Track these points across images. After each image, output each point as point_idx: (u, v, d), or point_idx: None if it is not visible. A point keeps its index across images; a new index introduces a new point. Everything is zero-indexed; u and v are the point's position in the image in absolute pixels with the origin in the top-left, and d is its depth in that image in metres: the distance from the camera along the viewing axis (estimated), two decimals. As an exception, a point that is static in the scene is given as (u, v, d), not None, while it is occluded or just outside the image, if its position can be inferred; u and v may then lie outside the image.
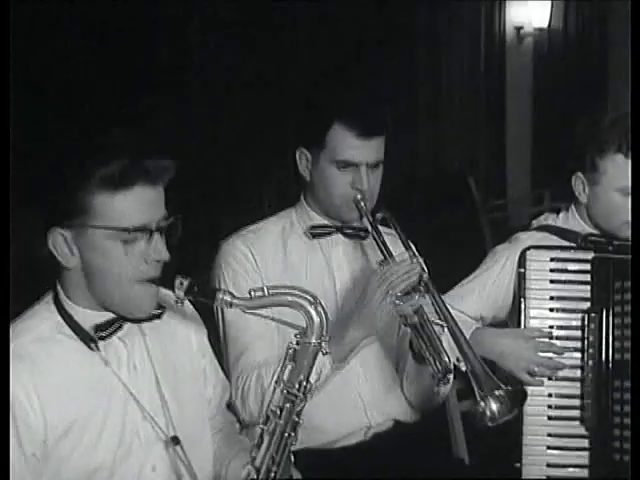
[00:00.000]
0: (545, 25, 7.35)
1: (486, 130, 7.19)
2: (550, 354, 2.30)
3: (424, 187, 6.74)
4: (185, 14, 5.99)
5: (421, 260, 2.11)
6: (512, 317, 2.39)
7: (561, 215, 2.53)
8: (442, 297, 2.12)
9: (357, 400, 2.26)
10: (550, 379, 2.31)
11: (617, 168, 2.36)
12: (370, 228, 2.23)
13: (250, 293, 1.66)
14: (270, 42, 6.10)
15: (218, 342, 2.21)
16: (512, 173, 7.37)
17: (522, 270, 2.32)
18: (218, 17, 6.06)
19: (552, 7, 7.34)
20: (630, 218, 2.24)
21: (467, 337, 2.16)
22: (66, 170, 1.66)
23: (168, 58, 5.92)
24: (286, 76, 6.07)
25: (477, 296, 2.45)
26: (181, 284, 1.67)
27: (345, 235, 2.29)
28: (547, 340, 2.31)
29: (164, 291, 1.74)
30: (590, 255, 2.32)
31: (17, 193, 1.70)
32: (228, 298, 1.67)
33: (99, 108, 5.25)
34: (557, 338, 2.32)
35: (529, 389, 2.28)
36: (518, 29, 7.25)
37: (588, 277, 2.30)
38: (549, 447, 2.30)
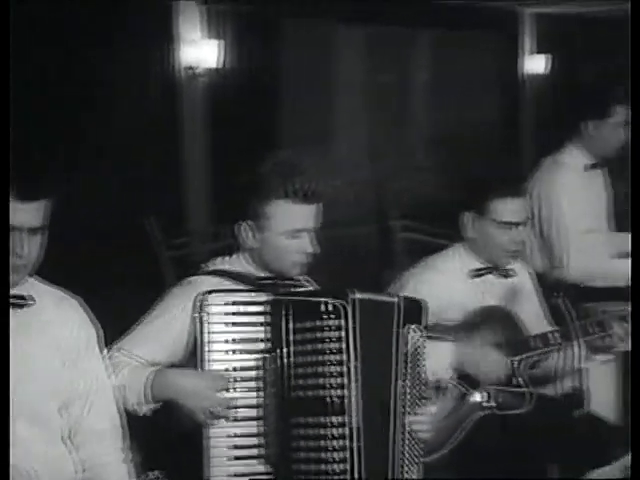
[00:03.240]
0: (217, 65, 7.48)
1: (161, 166, 7.14)
2: (228, 394, 2.33)
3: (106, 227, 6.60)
4: None
5: None
6: (190, 362, 2.39)
7: (233, 258, 2.59)
8: None
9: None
10: (235, 420, 2.34)
11: (282, 213, 2.46)
12: None
13: None
14: None
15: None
16: (192, 210, 7.41)
17: (200, 315, 2.33)
18: None
19: (225, 47, 7.50)
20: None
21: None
22: None
23: None
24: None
25: (153, 341, 2.43)
26: None
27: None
28: (226, 379, 2.33)
29: None
30: (265, 297, 2.37)
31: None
32: None
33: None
34: (238, 380, 2.34)
35: (213, 431, 2.31)
36: (190, 70, 7.31)
37: (265, 319, 2.35)
38: (236, 486, 2.32)
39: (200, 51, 7.29)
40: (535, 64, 9.39)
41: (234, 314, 2.34)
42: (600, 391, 3.13)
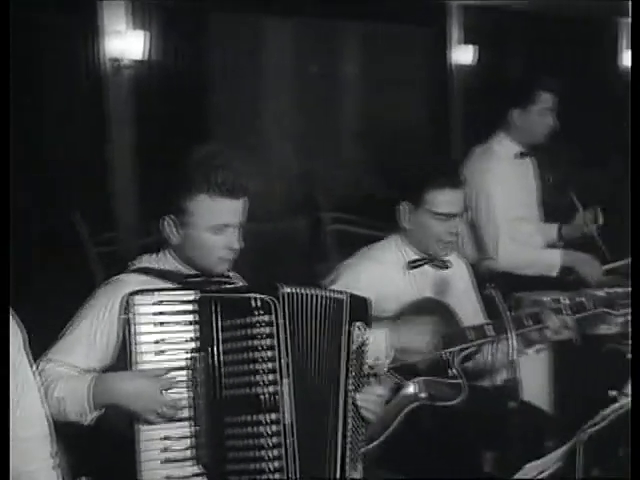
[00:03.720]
0: (143, 57, 7.35)
1: (87, 160, 7.00)
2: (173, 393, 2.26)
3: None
4: None
5: None
6: (120, 363, 2.31)
7: (159, 255, 2.53)
8: None
9: None
10: (166, 422, 2.27)
11: (205, 209, 2.40)
12: None
13: None
14: None
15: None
16: (120, 205, 7.28)
17: (128, 315, 2.25)
18: None
19: (150, 39, 7.37)
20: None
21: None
22: None
23: None
24: None
25: (84, 345, 2.36)
26: None
27: None
28: (168, 378, 2.27)
29: None
30: (193, 295, 2.30)
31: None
32: None
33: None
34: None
35: (144, 434, 2.25)
36: (116, 62, 7.17)
37: (194, 317, 2.29)
38: (168, 490, 2.25)
39: (125, 43, 7.16)
40: (463, 55, 9.45)
41: (161, 314, 2.27)
42: (534, 380, 3.14)
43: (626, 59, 10.89)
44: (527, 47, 9.55)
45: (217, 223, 2.41)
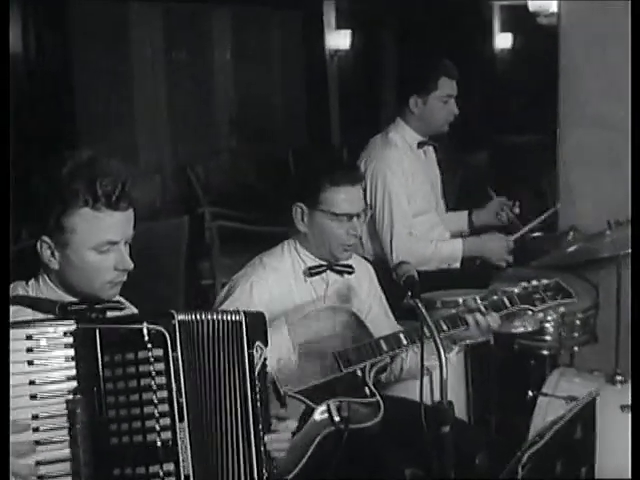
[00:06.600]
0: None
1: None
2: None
3: None
4: None
5: None
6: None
7: (31, 283, 2.15)
8: None
9: None
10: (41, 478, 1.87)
11: (87, 224, 2.05)
12: None
13: None
14: None
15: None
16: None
17: (-9, 353, 1.86)
18: None
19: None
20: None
21: None
22: None
23: None
24: None
25: None
26: None
27: None
28: (27, 442, 1.86)
29: None
30: (72, 326, 1.93)
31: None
32: None
33: None
34: (43, 430, 1.89)
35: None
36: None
37: (72, 352, 1.91)
38: None
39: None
40: (340, 40, 9.27)
41: (32, 351, 1.89)
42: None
43: (499, 42, 10.93)
44: (410, 31, 9.40)
45: (103, 240, 2.07)
